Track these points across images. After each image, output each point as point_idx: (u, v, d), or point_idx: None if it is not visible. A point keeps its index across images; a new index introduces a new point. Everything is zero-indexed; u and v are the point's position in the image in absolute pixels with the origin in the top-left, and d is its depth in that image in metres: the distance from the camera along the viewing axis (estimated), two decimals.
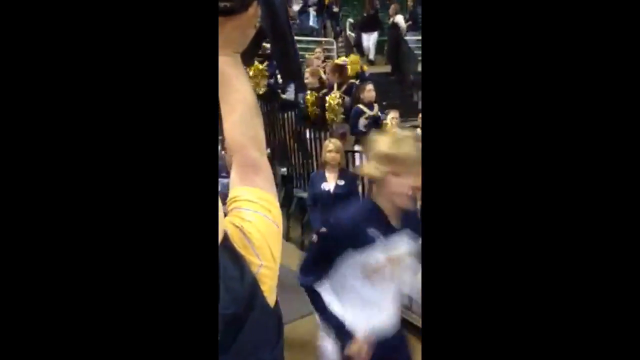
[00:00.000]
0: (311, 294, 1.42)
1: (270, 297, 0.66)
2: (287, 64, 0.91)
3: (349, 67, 4.64)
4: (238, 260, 0.62)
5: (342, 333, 1.38)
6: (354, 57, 5.38)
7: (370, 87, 4.04)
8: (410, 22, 7.75)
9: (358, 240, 1.36)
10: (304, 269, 1.44)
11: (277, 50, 0.86)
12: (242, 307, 0.61)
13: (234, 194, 0.69)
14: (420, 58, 7.68)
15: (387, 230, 1.40)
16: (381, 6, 8.38)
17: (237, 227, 0.65)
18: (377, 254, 1.37)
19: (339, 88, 4.18)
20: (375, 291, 1.42)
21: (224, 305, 0.58)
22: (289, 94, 4.48)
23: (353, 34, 8.37)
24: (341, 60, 4.62)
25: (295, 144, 4.26)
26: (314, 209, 2.89)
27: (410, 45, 6.99)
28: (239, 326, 0.60)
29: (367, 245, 1.36)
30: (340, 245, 1.37)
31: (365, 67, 5.54)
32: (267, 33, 0.81)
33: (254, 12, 0.68)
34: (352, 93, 4.19)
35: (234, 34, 0.67)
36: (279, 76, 5.01)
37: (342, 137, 3.49)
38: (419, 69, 7.04)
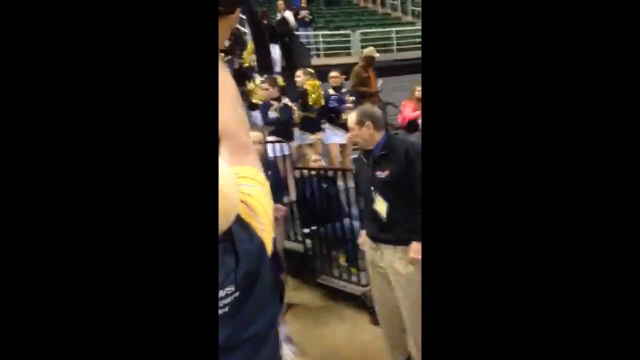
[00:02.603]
0: None
1: (269, 254, 0.81)
2: (265, 57, 1.10)
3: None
4: (246, 226, 0.75)
5: None
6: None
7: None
8: (308, 17, 7.98)
9: None
10: None
11: (257, 48, 1.03)
12: (255, 265, 0.74)
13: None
14: (311, 52, 8.03)
15: None
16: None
17: (241, 200, 0.78)
18: None
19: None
20: None
21: (242, 264, 0.70)
22: None
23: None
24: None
25: None
26: None
27: (303, 40, 7.26)
28: (254, 280, 0.73)
29: None
30: None
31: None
32: (252, 34, 0.97)
33: (237, 16, 0.83)
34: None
35: (219, 33, 0.78)
36: None
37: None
38: (311, 62, 7.36)
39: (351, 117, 2.25)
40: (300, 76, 4.30)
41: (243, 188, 0.78)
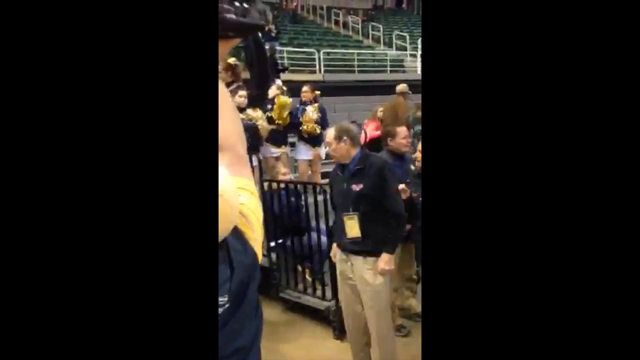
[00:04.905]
0: None
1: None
2: (262, 80, 1.15)
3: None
4: (240, 236, 0.76)
5: None
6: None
7: (242, 92, 4.23)
8: (274, 31, 8.07)
9: None
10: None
11: (256, 71, 1.08)
12: (248, 275, 0.74)
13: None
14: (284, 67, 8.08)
15: None
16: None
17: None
18: None
19: (228, 86, 4.26)
20: None
21: (236, 274, 0.70)
22: None
23: None
24: (233, 60, 4.63)
25: None
26: None
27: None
28: (245, 289, 0.74)
29: None
30: None
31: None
32: (252, 58, 1.00)
33: (239, 39, 0.83)
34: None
35: (221, 52, 0.78)
36: None
37: None
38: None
39: (330, 132, 2.34)
40: (273, 89, 4.32)
41: (239, 198, 0.79)
